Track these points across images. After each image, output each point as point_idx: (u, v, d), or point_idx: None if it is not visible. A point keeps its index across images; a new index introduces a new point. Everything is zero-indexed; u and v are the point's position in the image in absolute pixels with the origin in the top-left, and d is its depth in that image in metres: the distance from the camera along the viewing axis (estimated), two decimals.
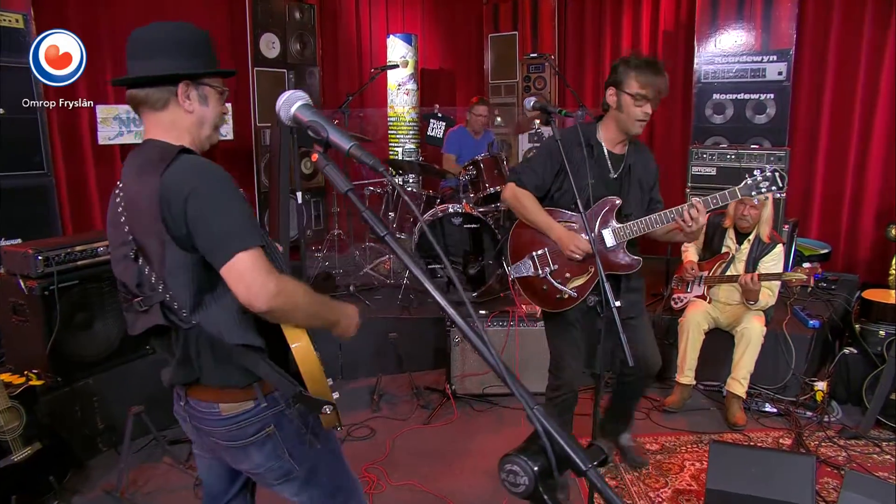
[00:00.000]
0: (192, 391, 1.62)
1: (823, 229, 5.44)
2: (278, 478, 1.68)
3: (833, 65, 5.25)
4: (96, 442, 3.40)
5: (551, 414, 0.83)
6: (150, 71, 1.51)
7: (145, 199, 1.43)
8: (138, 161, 1.53)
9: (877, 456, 3.31)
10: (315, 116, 1.06)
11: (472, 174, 4.58)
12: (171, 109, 1.54)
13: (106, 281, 3.41)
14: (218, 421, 1.59)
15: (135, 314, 1.56)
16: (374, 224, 0.93)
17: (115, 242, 1.58)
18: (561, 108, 2.52)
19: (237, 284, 1.40)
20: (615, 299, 2.14)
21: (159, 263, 1.47)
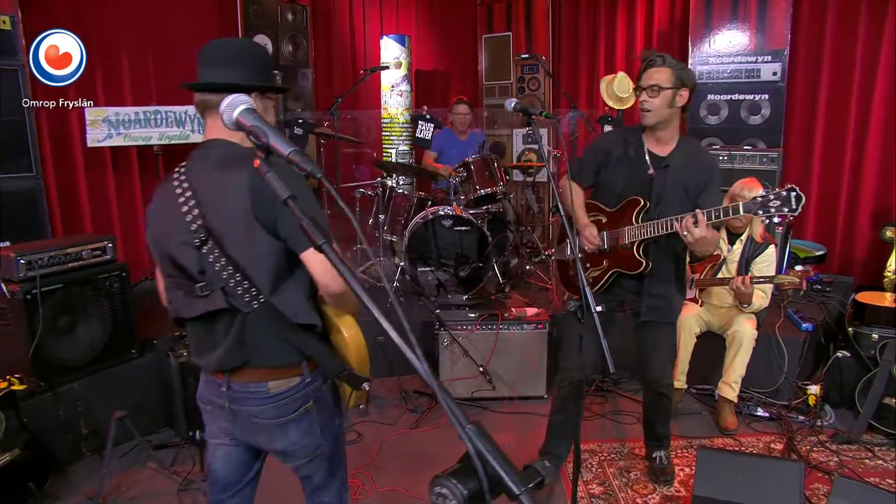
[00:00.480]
0: (237, 375, 1.73)
1: (819, 231, 5.39)
2: (307, 454, 1.82)
3: (828, 65, 5.21)
4: (80, 447, 3.37)
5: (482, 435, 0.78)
6: (228, 79, 1.65)
7: (234, 191, 1.57)
8: (215, 158, 1.66)
9: (869, 461, 3.27)
10: (257, 121, 1.03)
11: (463, 176, 4.54)
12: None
13: (90, 285, 3.38)
14: (266, 399, 1.72)
15: (193, 298, 1.67)
16: (311, 233, 0.90)
17: (169, 230, 1.68)
18: (545, 109, 2.48)
19: (318, 266, 1.58)
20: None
21: (239, 249, 1.61)
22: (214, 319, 1.69)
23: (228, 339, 1.68)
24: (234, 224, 1.60)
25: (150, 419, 3.64)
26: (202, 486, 3.13)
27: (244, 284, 1.64)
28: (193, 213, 1.65)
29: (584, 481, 3.13)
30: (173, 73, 5.31)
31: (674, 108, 2.58)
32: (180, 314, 1.74)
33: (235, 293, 1.64)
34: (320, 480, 1.91)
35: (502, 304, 4.22)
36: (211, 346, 1.72)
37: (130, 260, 5.13)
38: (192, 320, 1.73)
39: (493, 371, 3.85)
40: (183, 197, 1.68)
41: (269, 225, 1.58)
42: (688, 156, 2.66)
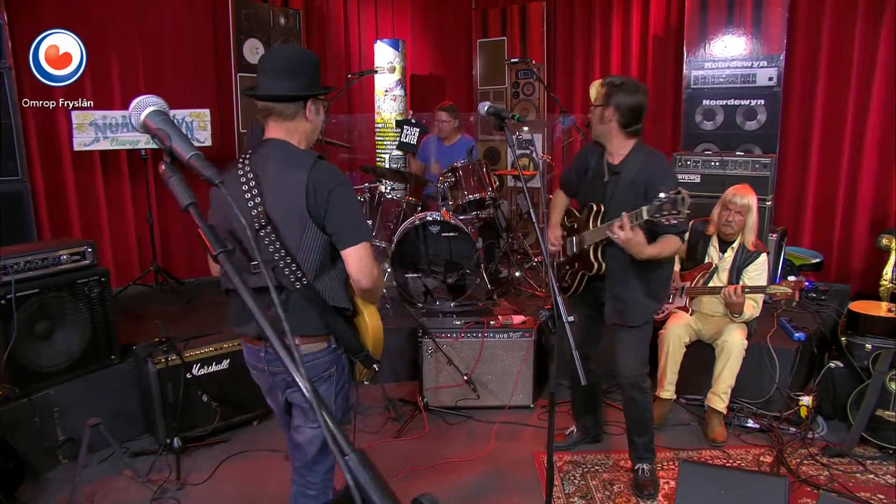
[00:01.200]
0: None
1: (816, 238, 5.31)
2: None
3: (825, 70, 5.13)
4: (56, 454, 3.32)
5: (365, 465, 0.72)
6: (290, 90, 1.92)
7: (293, 189, 1.87)
8: (277, 156, 1.94)
9: (860, 475, 3.19)
10: (163, 124, 0.98)
11: (451, 181, 4.49)
12: (298, 120, 1.97)
13: (66, 289, 3.34)
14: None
15: (245, 274, 1.85)
16: (208, 241, 0.85)
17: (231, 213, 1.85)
18: (521, 114, 2.44)
19: (354, 264, 1.91)
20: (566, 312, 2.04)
21: (292, 238, 1.89)
22: (260, 293, 1.80)
23: (272, 312, 1.76)
24: (290, 216, 1.88)
25: (129, 425, 3.60)
26: (177, 495, 3.08)
27: (291, 267, 1.89)
28: (255, 201, 1.90)
29: (565, 494, 3.06)
30: (165, 77, 5.29)
31: (605, 124, 2.78)
32: (231, 286, 2.01)
33: (283, 273, 1.89)
34: (314, 452, 2.12)
35: (490, 312, 4.15)
36: (251, 316, 1.83)
37: (119, 264, 5.15)
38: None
39: (478, 380, 3.79)
40: (247, 185, 1.92)
41: (319, 221, 1.89)
42: (639, 162, 2.77)
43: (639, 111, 2.74)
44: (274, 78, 1.94)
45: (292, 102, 1.95)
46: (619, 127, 2.76)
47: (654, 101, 6.11)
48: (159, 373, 3.35)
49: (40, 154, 4.66)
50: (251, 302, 0.78)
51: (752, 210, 3.55)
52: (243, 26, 5.49)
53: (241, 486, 3.17)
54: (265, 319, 0.78)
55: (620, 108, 2.72)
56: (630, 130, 2.76)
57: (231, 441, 3.55)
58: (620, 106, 2.72)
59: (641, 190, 2.70)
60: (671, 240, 2.69)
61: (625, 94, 2.72)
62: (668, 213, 2.39)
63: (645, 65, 6.15)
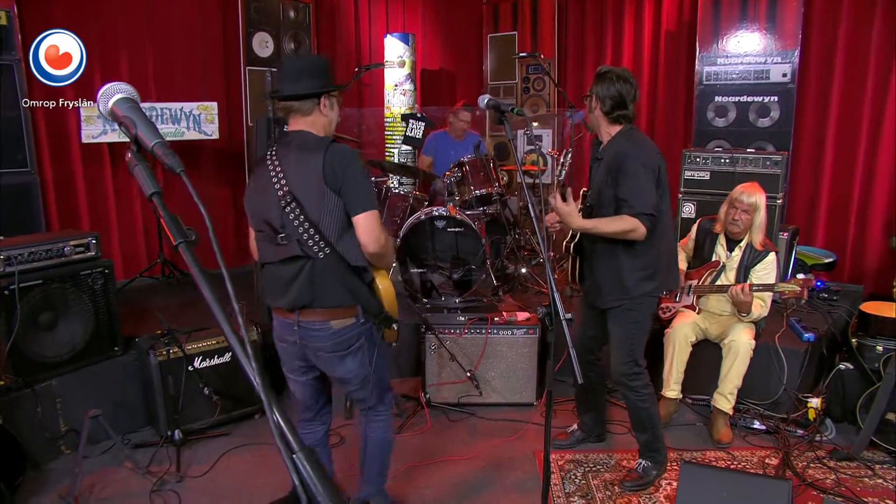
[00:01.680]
0: (305, 314, 2.26)
1: (829, 237, 5.22)
2: (360, 383, 2.40)
3: (840, 66, 5.04)
4: (58, 444, 3.34)
5: (312, 464, 0.69)
6: (304, 90, 2.23)
7: (313, 166, 2.16)
8: (297, 143, 2.24)
9: (868, 480, 3.12)
10: (129, 112, 0.96)
11: (458, 176, 4.45)
12: (314, 114, 2.28)
13: (70, 281, 3.35)
14: (330, 334, 2.26)
15: (275, 246, 2.23)
16: (170, 231, 0.83)
17: (265, 197, 2.23)
18: (527, 109, 2.42)
19: (363, 229, 2.19)
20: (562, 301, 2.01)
21: (312, 208, 2.17)
22: (289, 264, 2.21)
23: (300, 280, 2.20)
24: (310, 190, 2.16)
25: (132, 417, 3.61)
26: (176, 488, 3.09)
27: (315, 237, 2.17)
28: (281, 183, 2.19)
29: (565, 493, 3.03)
30: (175, 70, 5.30)
31: (593, 113, 2.87)
32: (266, 259, 2.30)
33: (307, 244, 2.17)
34: (373, 399, 2.49)
35: (495, 308, 4.12)
36: (285, 288, 2.24)
37: (127, 256, 5.18)
38: (273, 264, 2.27)
39: (481, 376, 3.76)
40: (274, 172, 2.22)
41: (336, 189, 2.16)
42: (615, 146, 2.82)
43: (619, 99, 2.77)
44: (289, 81, 2.26)
45: (308, 100, 2.24)
46: (602, 114, 2.83)
47: (665, 98, 6.05)
48: (161, 365, 3.35)
49: (49, 146, 4.68)
50: (207, 292, 0.76)
51: (760, 209, 3.48)
52: (252, 20, 5.48)
53: (240, 479, 3.17)
54: (220, 310, 0.75)
55: (600, 96, 2.80)
56: (613, 117, 2.81)
57: (232, 434, 3.55)
58: (599, 95, 2.80)
59: (613, 172, 2.76)
60: (620, 219, 2.70)
61: (604, 84, 2.79)
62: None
63: (657, 60, 6.08)
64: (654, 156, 2.79)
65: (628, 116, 2.82)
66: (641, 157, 2.73)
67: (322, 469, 0.70)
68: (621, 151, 2.76)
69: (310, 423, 2.64)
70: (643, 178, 2.71)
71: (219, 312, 0.75)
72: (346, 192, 2.18)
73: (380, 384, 2.49)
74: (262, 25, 5.55)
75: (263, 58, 5.57)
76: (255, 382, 0.73)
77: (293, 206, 2.17)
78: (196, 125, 4.83)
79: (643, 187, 2.70)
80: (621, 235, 2.73)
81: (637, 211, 2.66)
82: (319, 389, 2.58)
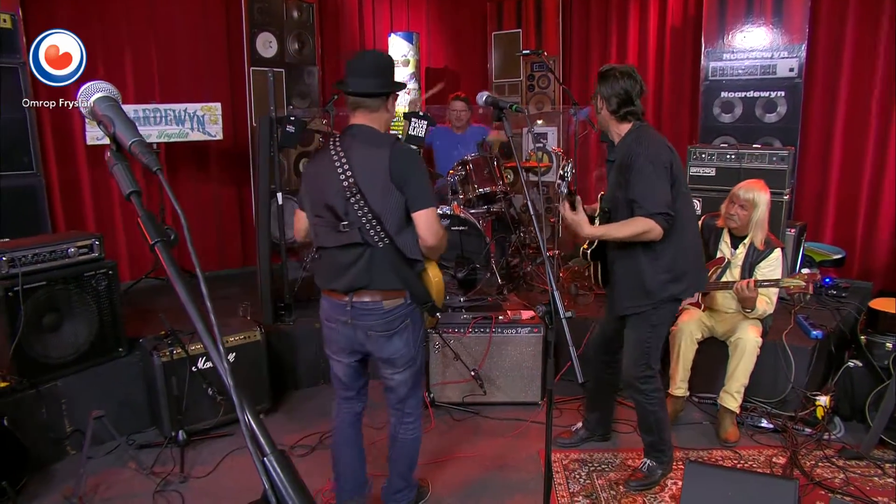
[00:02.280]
0: (359, 294, 2.40)
1: (838, 233, 5.15)
2: (406, 363, 2.52)
3: (848, 61, 4.96)
4: (63, 445, 3.35)
5: (285, 467, 0.68)
6: (378, 88, 2.36)
7: (379, 162, 2.29)
8: (364, 136, 2.37)
9: (878, 479, 3.08)
10: (108, 111, 0.95)
11: (462, 175, 4.43)
12: (380, 111, 2.40)
13: (73, 282, 3.36)
14: (381, 314, 2.41)
15: (336, 233, 2.36)
16: (147, 230, 0.82)
17: (327, 183, 2.35)
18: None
19: (423, 224, 2.33)
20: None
21: (376, 201, 2.30)
22: (349, 250, 2.36)
23: (359, 266, 2.35)
24: (376, 184, 2.29)
25: (136, 418, 3.62)
26: (180, 488, 3.09)
27: (376, 228, 2.31)
28: (347, 175, 2.31)
29: (570, 493, 3.00)
30: (179, 71, 5.31)
31: (601, 113, 2.83)
32: (324, 244, 2.43)
33: (368, 233, 2.32)
34: (405, 392, 2.60)
35: (500, 307, 4.10)
36: (343, 272, 2.38)
37: (133, 258, 5.20)
38: (331, 249, 2.40)
39: (485, 375, 3.74)
40: (339, 162, 2.33)
41: (400, 186, 2.29)
42: (625, 146, 2.77)
43: (624, 96, 2.74)
44: (362, 77, 2.35)
45: (377, 98, 2.37)
46: (609, 113, 2.79)
47: (671, 94, 6.00)
48: (164, 366, 3.36)
49: (55, 148, 4.70)
50: (182, 291, 0.75)
51: (759, 206, 3.41)
52: (256, 20, 5.46)
53: (244, 479, 3.17)
54: (197, 313, 0.74)
55: (605, 96, 2.78)
56: (620, 115, 2.77)
57: (235, 435, 3.55)
58: (604, 94, 2.77)
59: (624, 174, 2.72)
60: (632, 223, 2.65)
61: (608, 83, 2.76)
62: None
63: (662, 56, 6.03)
64: (664, 152, 2.71)
65: (636, 112, 2.76)
66: (651, 155, 2.66)
67: (294, 472, 0.69)
68: (630, 152, 2.71)
69: (349, 402, 2.75)
70: (654, 177, 2.63)
71: (193, 311, 0.74)
72: (408, 190, 2.30)
73: (417, 374, 2.62)
74: (266, 25, 5.54)
75: (267, 58, 5.56)
76: (227, 382, 0.71)
77: (358, 197, 2.30)
78: (200, 126, 4.83)
79: (655, 186, 2.63)
80: (637, 238, 2.66)
81: (650, 211, 2.60)
82: (360, 371, 2.69)
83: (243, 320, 3.85)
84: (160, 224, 1.46)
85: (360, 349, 2.54)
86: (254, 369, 3.67)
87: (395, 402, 2.65)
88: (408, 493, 2.83)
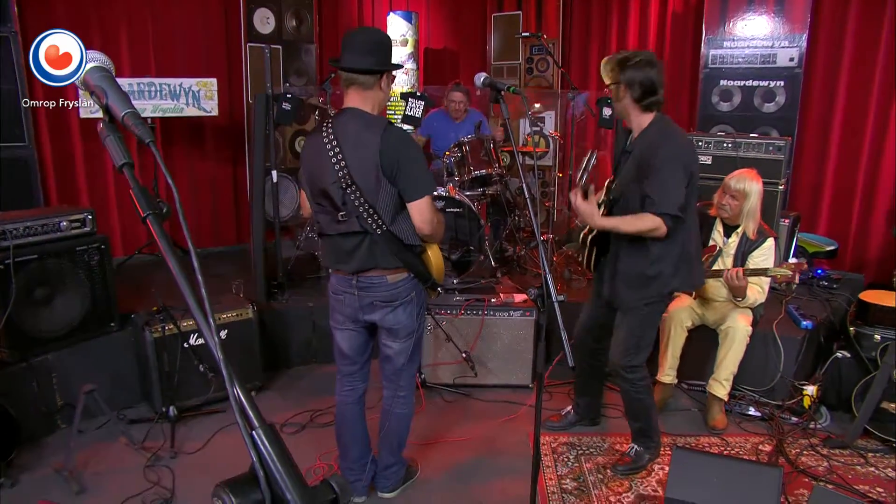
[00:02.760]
0: (364, 273, 2.46)
1: (832, 225, 5.17)
2: (408, 333, 2.59)
3: (849, 52, 4.95)
4: (54, 419, 3.36)
5: (273, 441, 0.68)
6: (372, 65, 2.32)
7: (370, 148, 2.28)
8: (355, 122, 2.34)
9: (860, 468, 3.13)
10: (101, 81, 0.94)
11: (458, 156, 4.42)
12: (374, 89, 2.37)
13: (66, 256, 3.35)
14: (385, 286, 2.47)
15: (336, 222, 2.41)
16: (138, 203, 0.82)
17: (322, 171, 2.36)
18: (513, 84, 2.38)
19: (417, 214, 2.36)
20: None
21: (370, 191, 2.31)
22: (349, 237, 2.41)
23: (361, 251, 2.41)
24: (368, 175, 2.30)
25: (128, 393, 3.63)
26: (170, 463, 3.10)
27: (374, 216, 2.33)
28: (340, 164, 2.31)
29: (557, 475, 3.04)
30: (175, 46, 5.25)
31: (620, 102, 2.76)
32: (326, 231, 2.48)
33: (366, 221, 2.34)
34: (402, 361, 2.65)
35: (493, 290, 4.11)
36: (347, 256, 2.44)
37: (126, 233, 5.17)
38: (333, 236, 2.45)
39: (477, 357, 3.76)
40: (331, 148, 2.33)
41: (391, 178, 2.31)
42: (646, 143, 2.72)
43: (649, 85, 2.66)
44: (357, 54, 2.32)
45: (372, 75, 2.34)
46: (633, 102, 2.71)
47: (670, 81, 5.95)
48: (156, 342, 3.36)
49: (48, 121, 4.66)
50: (174, 265, 0.75)
51: (750, 196, 3.40)
52: None
53: (234, 456, 3.15)
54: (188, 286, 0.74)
55: (630, 83, 2.68)
56: (645, 104, 2.70)
57: (226, 411, 3.56)
58: (630, 81, 2.68)
59: (641, 172, 2.68)
60: (641, 218, 2.64)
61: (632, 70, 2.67)
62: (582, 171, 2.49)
63: (662, 42, 5.99)
64: (690, 153, 2.72)
65: (660, 102, 2.72)
66: (674, 153, 2.65)
67: (282, 446, 0.69)
68: (654, 145, 2.67)
69: (352, 378, 2.77)
70: (674, 177, 2.62)
71: (185, 287, 0.74)
72: (400, 181, 2.32)
73: (416, 345, 2.68)
74: (264, 2, 5.47)
75: (265, 34, 5.50)
76: (217, 356, 0.71)
77: (353, 188, 2.31)
78: (195, 101, 4.78)
79: (672, 186, 2.61)
80: (642, 234, 2.68)
81: (661, 210, 2.60)
82: (365, 341, 2.71)
83: (236, 298, 3.85)
84: (153, 197, 1.48)
85: (366, 318, 2.57)
86: (245, 347, 3.68)
87: (390, 372, 2.70)
88: (397, 471, 2.87)
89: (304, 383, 4.00)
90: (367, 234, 2.38)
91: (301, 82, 5.76)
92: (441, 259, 2.60)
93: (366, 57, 2.33)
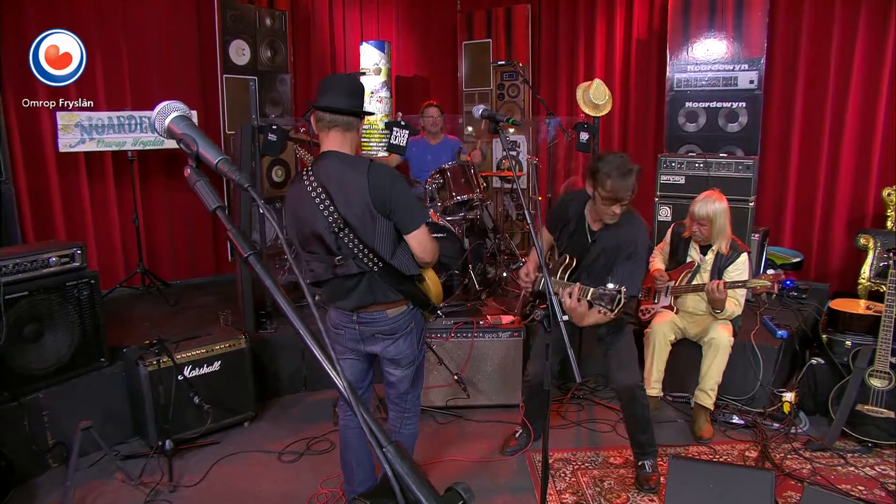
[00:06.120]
0: (364, 308, 2.48)
1: (796, 238, 5.42)
2: (409, 362, 2.62)
3: (803, 74, 5.25)
4: (46, 458, 3.30)
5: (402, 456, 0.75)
6: (356, 107, 2.41)
7: (359, 189, 2.29)
8: (338, 165, 2.35)
9: (841, 468, 3.27)
10: (188, 129, 1.01)
11: (440, 183, 4.51)
12: (353, 131, 2.43)
13: (57, 292, 3.32)
14: (385, 320, 2.49)
15: (332, 267, 2.40)
16: (238, 243, 0.88)
17: (311, 219, 2.35)
18: (512, 117, 2.49)
19: (417, 244, 2.39)
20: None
21: (364, 231, 2.32)
22: (348, 278, 2.42)
23: (360, 289, 2.42)
24: (361, 216, 2.30)
25: (119, 428, 3.59)
26: (169, 497, 3.08)
27: (369, 255, 2.35)
28: (329, 209, 2.31)
29: (556, 490, 3.11)
30: (150, 77, 5.25)
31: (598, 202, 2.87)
32: (322, 278, 2.45)
33: (363, 262, 2.37)
34: (406, 387, 2.68)
35: (478, 312, 4.19)
36: (346, 294, 2.44)
37: (104, 266, 5.11)
38: (331, 279, 2.44)
39: (468, 379, 3.82)
40: (317, 195, 2.32)
41: (385, 213, 2.31)
42: (614, 230, 2.93)
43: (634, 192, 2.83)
44: (340, 97, 2.37)
45: (354, 117, 2.41)
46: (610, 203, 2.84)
47: (637, 103, 6.21)
48: (151, 375, 3.34)
49: (24, 155, 4.60)
50: (282, 300, 0.81)
51: (717, 218, 3.54)
52: (229, 27, 5.46)
53: (233, 487, 3.18)
54: (297, 317, 0.80)
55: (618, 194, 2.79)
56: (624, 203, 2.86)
57: (222, 443, 3.55)
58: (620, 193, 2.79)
59: (612, 256, 2.92)
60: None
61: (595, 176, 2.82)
62: (603, 304, 2.56)
63: (628, 67, 6.24)
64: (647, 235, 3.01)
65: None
66: (645, 242, 2.93)
67: (412, 461, 0.75)
68: (630, 240, 2.88)
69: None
70: (643, 266, 2.95)
71: (296, 321, 0.80)
72: (395, 215, 2.34)
73: (418, 371, 2.72)
74: (239, 33, 5.54)
75: (240, 65, 5.56)
76: (342, 386, 0.77)
77: (346, 231, 2.32)
78: None
79: (639, 275, 2.93)
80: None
81: (629, 294, 2.71)
82: (366, 369, 2.75)
83: (226, 328, 3.85)
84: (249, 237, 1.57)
85: (367, 349, 2.61)
86: (239, 377, 3.68)
87: (394, 396, 2.73)
88: None
89: (296, 411, 4.00)
90: (365, 273, 2.40)
91: (277, 111, 5.82)
92: (438, 283, 2.64)
93: (350, 99, 2.39)
